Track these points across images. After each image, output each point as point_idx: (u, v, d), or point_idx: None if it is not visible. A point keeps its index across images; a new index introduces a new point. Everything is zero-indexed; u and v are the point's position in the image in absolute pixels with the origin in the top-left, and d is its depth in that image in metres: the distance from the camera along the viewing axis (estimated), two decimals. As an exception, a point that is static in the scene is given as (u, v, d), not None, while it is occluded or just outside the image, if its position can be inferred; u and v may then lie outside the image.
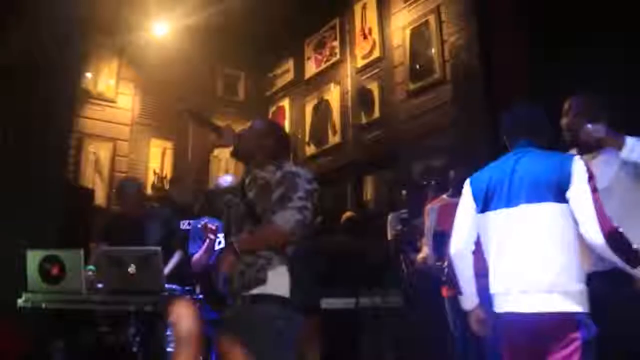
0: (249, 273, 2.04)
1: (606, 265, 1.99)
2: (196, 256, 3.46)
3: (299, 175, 2.11)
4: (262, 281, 2.03)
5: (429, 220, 3.33)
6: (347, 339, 3.81)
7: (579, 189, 1.89)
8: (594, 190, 1.90)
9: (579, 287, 1.88)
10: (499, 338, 2.08)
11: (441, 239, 2.97)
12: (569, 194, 1.90)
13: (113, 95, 6.67)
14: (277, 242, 2.04)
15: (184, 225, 4.07)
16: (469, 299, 2.20)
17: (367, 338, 3.86)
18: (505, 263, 2.01)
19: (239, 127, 2.50)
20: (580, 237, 1.90)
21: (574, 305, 1.86)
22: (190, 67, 6.78)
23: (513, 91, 4.30)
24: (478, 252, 2.17)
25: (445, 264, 2.86)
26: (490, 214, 2.07)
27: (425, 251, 3.36)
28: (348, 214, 4.82)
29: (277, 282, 2.03)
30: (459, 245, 2.17)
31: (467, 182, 2.23)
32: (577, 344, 1.81)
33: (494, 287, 2.05)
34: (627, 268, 1.84)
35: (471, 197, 2.16)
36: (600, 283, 1.99)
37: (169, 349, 3.56)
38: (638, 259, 1.82)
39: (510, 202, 2.00)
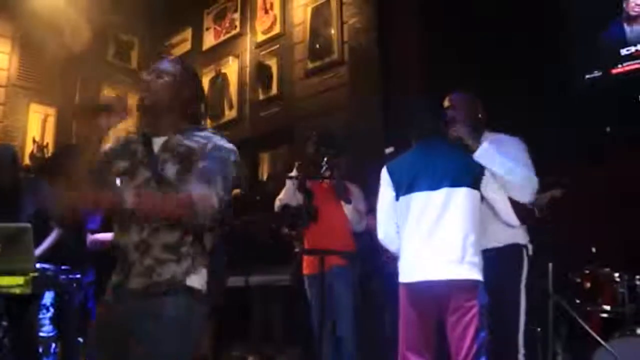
0: (167, 269, 1.69)
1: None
2: (99, 235, 3.20)
3: (232, 153, 1.79)
4: (181, 285, 1.70)
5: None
6: (238, 313, 3.81)
7: (492, 185, 2.24)
8: None
9: (480, 259, 2.17)
10: (401, 307, 2.27)
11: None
12: (484, 186, 2.24)
13: (-15, 51, 6.04)
14: (182, 214, 1.65)
15: None
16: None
17: (257, 312, 3.89)
18: (421, 238, 2.22)
19: (130, 98, 2.15)
20: (482, 218, 2.25)
21: (477, 274, 2.13)
22: (78, 28, 6.27)
23: (408, 76, 4.44)
24: None
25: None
26: (412, 196, 2.28)
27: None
28: (235, 191, 4.75)
29: (194, 276, 1.74)
30: (387, 229, 2.39)
31: (385, 171, 2.43)
32: (474, 310, 2.07)
33: (407, 257, 2.25)
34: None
35: (390, 185, 2.39)
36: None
37: (41, 334, 3.33)
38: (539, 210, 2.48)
39: (433, 186, 2.23)
